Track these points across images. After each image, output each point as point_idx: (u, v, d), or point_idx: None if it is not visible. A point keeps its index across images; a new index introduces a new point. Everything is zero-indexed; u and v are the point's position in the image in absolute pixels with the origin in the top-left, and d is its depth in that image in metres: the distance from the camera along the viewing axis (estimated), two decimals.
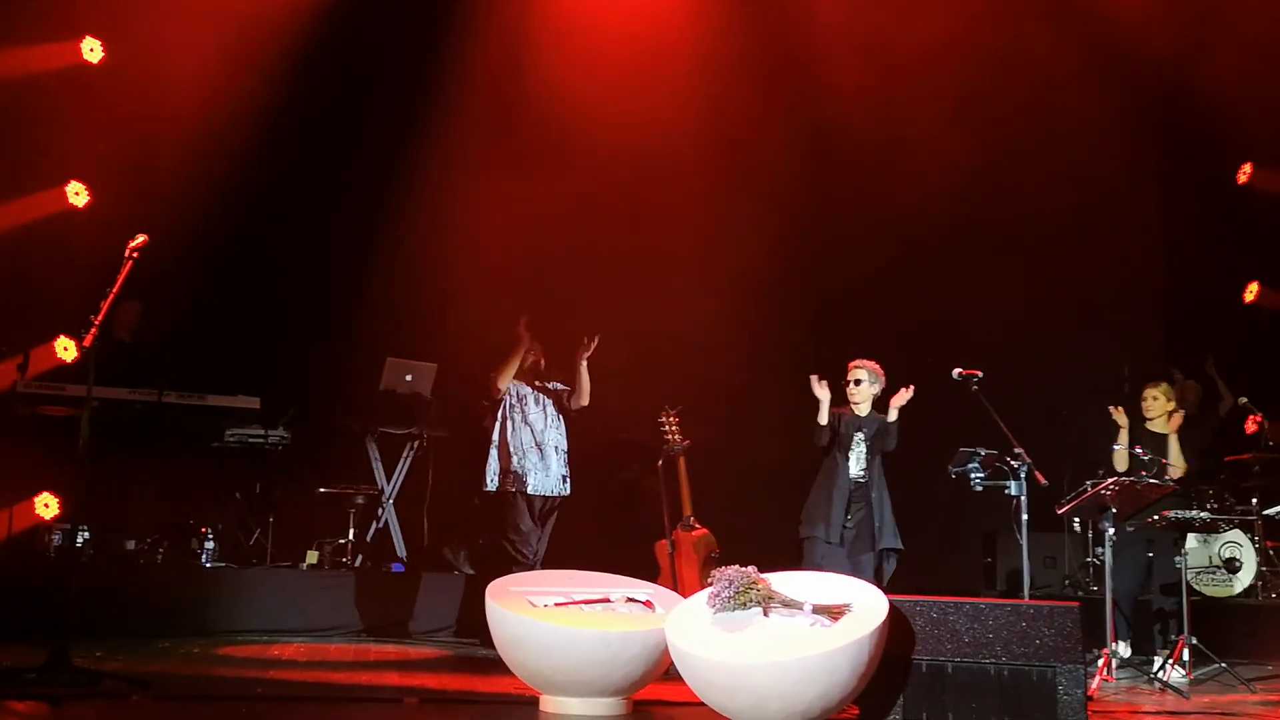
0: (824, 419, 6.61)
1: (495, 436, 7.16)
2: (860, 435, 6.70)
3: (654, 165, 9.45)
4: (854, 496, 6.61)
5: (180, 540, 7.85)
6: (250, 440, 8.04)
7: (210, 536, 7.73)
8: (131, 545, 7.62)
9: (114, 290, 4.99)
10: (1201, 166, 10.52)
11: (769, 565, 4.84)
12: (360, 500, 8.30)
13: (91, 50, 8.38)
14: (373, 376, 8.39)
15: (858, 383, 6.75)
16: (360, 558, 8.10)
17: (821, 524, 6.54)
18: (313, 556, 8.00)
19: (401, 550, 8.35)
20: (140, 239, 5.11)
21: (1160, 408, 7.29)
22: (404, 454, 8.58)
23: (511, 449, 7.11)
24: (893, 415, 6.65)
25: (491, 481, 7.11)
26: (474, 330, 8.94)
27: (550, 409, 7.26)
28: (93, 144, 8.28)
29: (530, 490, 7.08)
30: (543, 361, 7.29)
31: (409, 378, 8.42)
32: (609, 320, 9.09)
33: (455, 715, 4.75)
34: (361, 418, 8.42)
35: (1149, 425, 7.30)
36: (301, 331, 8.81)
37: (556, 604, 4.84)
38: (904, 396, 6.64)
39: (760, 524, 7.97)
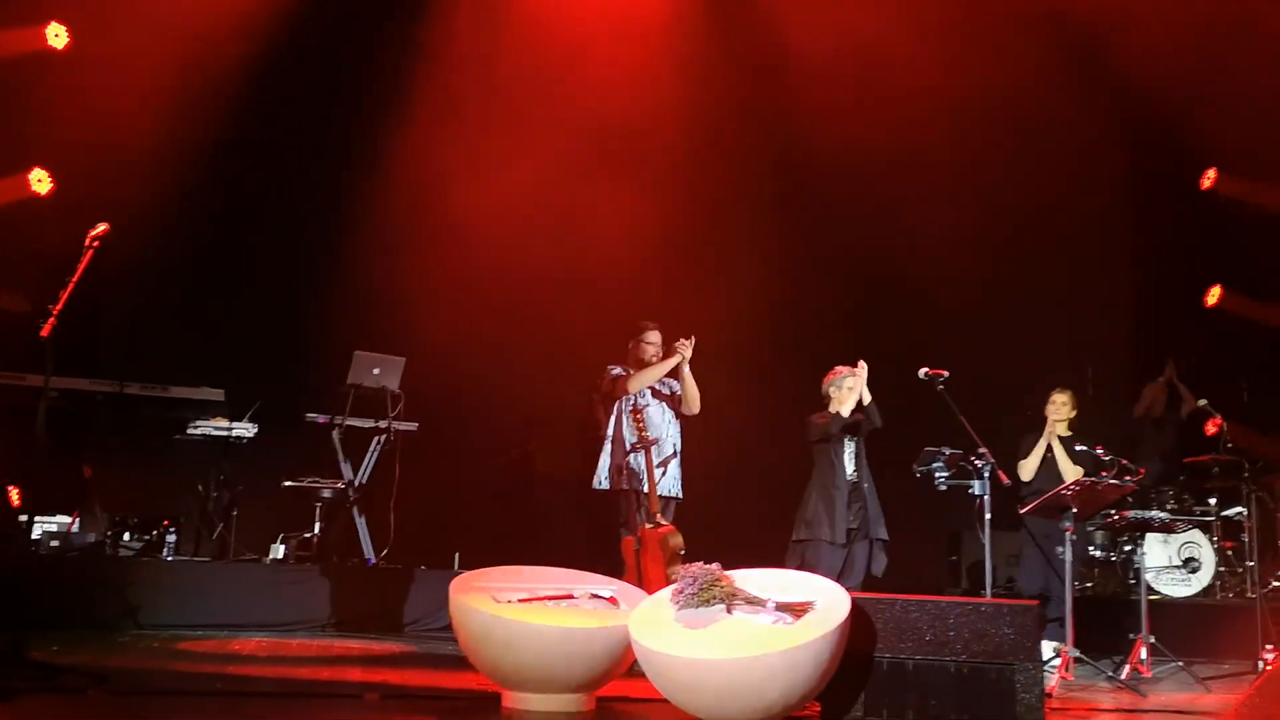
0: (863, 398, 6.74)
1: (610, 431, 6.86)
2: (849, 435, 6.76)
3: (632, 161, 9.45)
4: (853, 495, 6.68)
5: (142, 533, 7.76)
6: (214, 433, 7.97)
7: (172, 530, 7.66)
8: (92, 538, 7.54)
9: (74, 279, 4.93)
10: (1168, 171, 10.63)
11: (756, 563, 4.86)
12: (326, 494, 8.24)
13: (56, 36, 8.28)
14: (340, 369, 8.34)
15: (843, 388, 6.81)
16: (325, 552, 8.05)
17: (825, 526, 6.58)
18: (277, 551, 7.95)
19: (368, 545, 8.30)
20: (101, 227, 5.06)
21: (1066, 412, 7.35)
22: (371, 448, 8.53)
23: (628, 445, 6.81)
24: (867, 397, 6.72)
25: (603, 479, 6.81)
26: (445, 324, 8.94)
27: (668, 409, 7.00)
28: (57, 131, 8.19)
29: (646, 489, 6.73)
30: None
31: (377, 371, 8.36)
32: (583, 317, 9.14)
33: (417, 711, 4.72)
34: (328, 411, 8.36)
35: (1048, 427, 7.36)
36: (268, 323, 8.75)
37: (520, 600, 4.83)
38: (861, 376, 6.71)
39: (737, 523, 8.03)
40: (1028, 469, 7.30)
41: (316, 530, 8.12)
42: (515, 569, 5.13)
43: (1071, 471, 7.19)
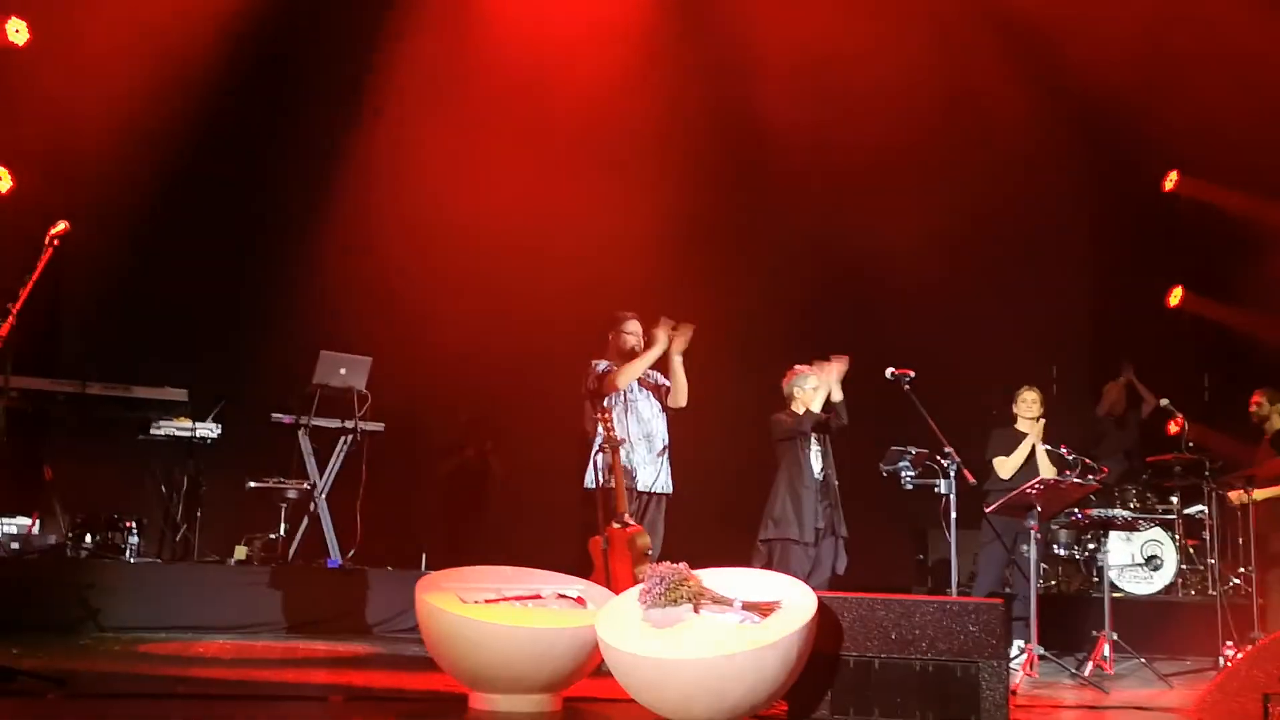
0: (836, 395, 6.72)
1: (600, 429, 6.55)
2: (817, 433, 6.78)
3: (599, 162, 9.45)
4: (821, 494, 6.69)
5: (104, 534, 7.67)
6: (178, 433, 7.89)
7: (135, 531, 7.58)
8: (52, 539, 7.45)
9: (33, 277, 4.86)
10: (1129, 174, 10.75)
11: (727, 562, 4.86)
12: (291, 495, 8.18)
13: (17, 32, 8.16)
14: (306, 369, 8.28)
15: (807, 388, 6.83)
16: (291, 553, 7.99)
17: (794, 525, 6.58)
18: (241, 552, 7.89)
19: (334, 546, 8.25)
20: (61, 226, 4.98)
21: (1037, 410, 7.39)
22: (337, 449, 8.47)
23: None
24: (838, 394, 6.72)
25: (592, 477, 6.46)
26: (413, 323, 8.90)
27: (655, 402, 6.80)
28: (17, 128, 8.08)
29: (640, 486, 6.57)
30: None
31: (343, 371, 8.32)
32: (546, 314, 9.12)
33: (381, 713, 4.69)
34: (294, 411, 8.30)
35: (1018, 425, 7.39)
36: (233, 323, 8.69)
37: (487, 600, 4.81)
38: (839, 368, 6.71)
39: (708, 521, 8.03)
40: (1009, 467, 7.31)
41: (281, 531, 8.06)
42: (482, 569, 5.11)
43: (1049, 471, 7.23)
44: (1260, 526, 7.34)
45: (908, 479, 6.93)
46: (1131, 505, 8.99)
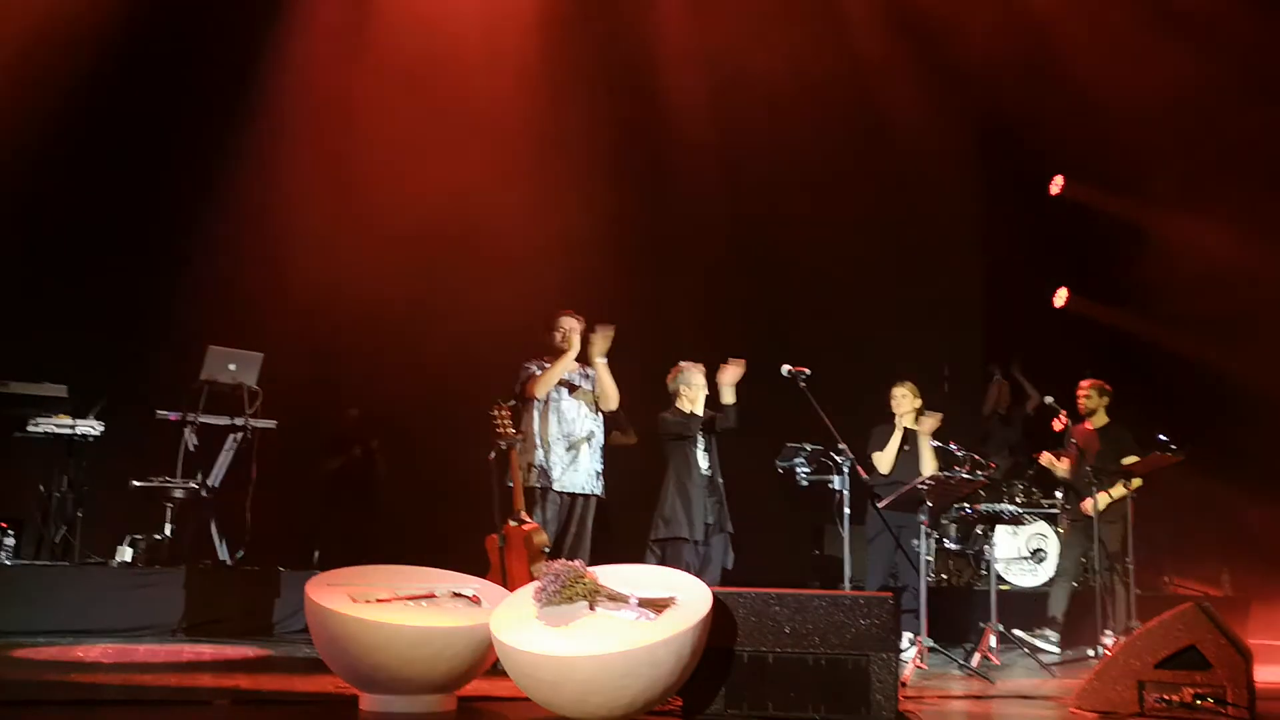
0: (728, 398, 6.72)
1: (523, 428, 6.58)
2: (703, 431, 6.81)
3: (491, 160, 9.38)
4: (709, 491, 6.72)
5: None
6: (57, 430, 7.61)
7: (10, 533, 7.30)
8: None
9: None
10: (1018, 177, 11.06)
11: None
12: (178, 494, 7.95)
13: None
14: (193, 365, 8.06)
15: (693, 385, 6.86)
16: (177, 554, 7.77)
17: (684, 524, 6.60)
18: (125, 553, 7.64)
19: (222, 546, 8.04)
20: None
21: (910, 404, 7.57)
22: (226, 446, 8.25)
23: (537, 441, 6.60)
24: (730, 396, 6.76)
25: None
26: (304, 318, 8.73)
27: (582, 403, 6.75)
28: None
29: (556, 487, 6.56)
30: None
31: (233, 367, 8.11)
32: (442, 316, 9.02)
33: (269, 717, 4.58)
34: (181, 408, 8.06)
35: (896, 421, 7.56)
36: (116, 317, 8.41)
37: (379, 600, 4.73)
38: (734, 372, 6.75)
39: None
40: (885, 461, 7.47)
41: (167, 532, 7.83)
42: (374, 568, 5.03)
43: (930, 461, 7.39)
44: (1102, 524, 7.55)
45: (803, 475, 7.04)
46: (1018, 500, 9.25)
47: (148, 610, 7.19)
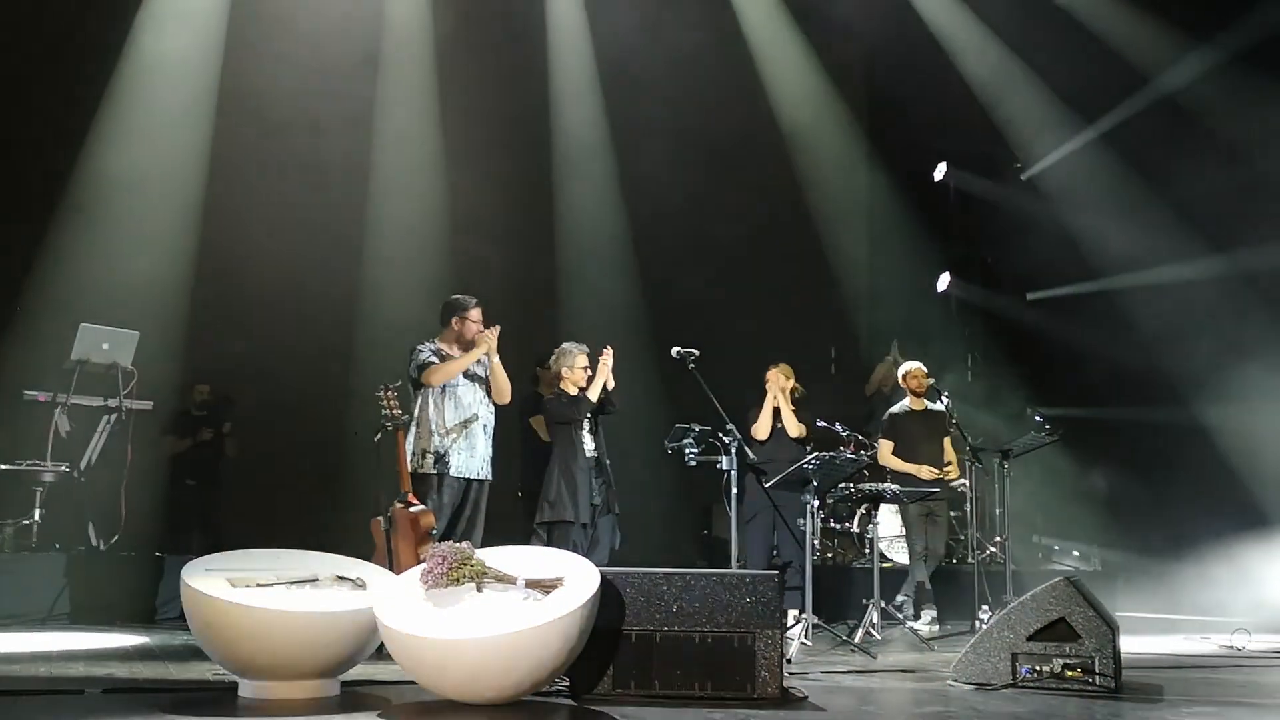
0: (608, 384, 6.74)
1: (415, 413, 6.48)
2: (589, 414, 6.80)
3: (371, 140, 9.27)
4: (595, 473, 6.71)
5: None
6: None
7: None
8: None
9: None
10: (903, 166, 11.30)
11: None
12: (48, 478, 7.64)
13: None
14: (64, 344, 7.75)
15: (575, 367, 6.85)
16: (46, 539, 7.48)
17: (570, 506, 6.59)
18: None
19: (94, 531, 7.76)
20: None
21: (781, 383, 7.68)
22: (100, 428, 7.95)
23: (434, 427, 6.51)
24: (610, 383, 6.80)
25: (410, 461, 6.33)
26: (180, 298, 8.50)
27: (480, 390, 6.63)
28: None
29: (453, 472, 6.46)
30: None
31: (106, 346, 7.80)
32: (330, 302, 8.86)
33: (143, 706, 4.43)
34: (50, 388, 7.74)
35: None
36: None
37: (259, 584, 4.62)
38: (606, 363, 6.77)
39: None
40: (762, 429, 7.53)
41: (37, 516, 7.52)
42: (255, 552, 4.91)
43: (794, 426, 7.47)
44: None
45: (691, 456, 7.09)
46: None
47: (14, 598, 6.90)
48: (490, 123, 9.74)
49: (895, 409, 8.25)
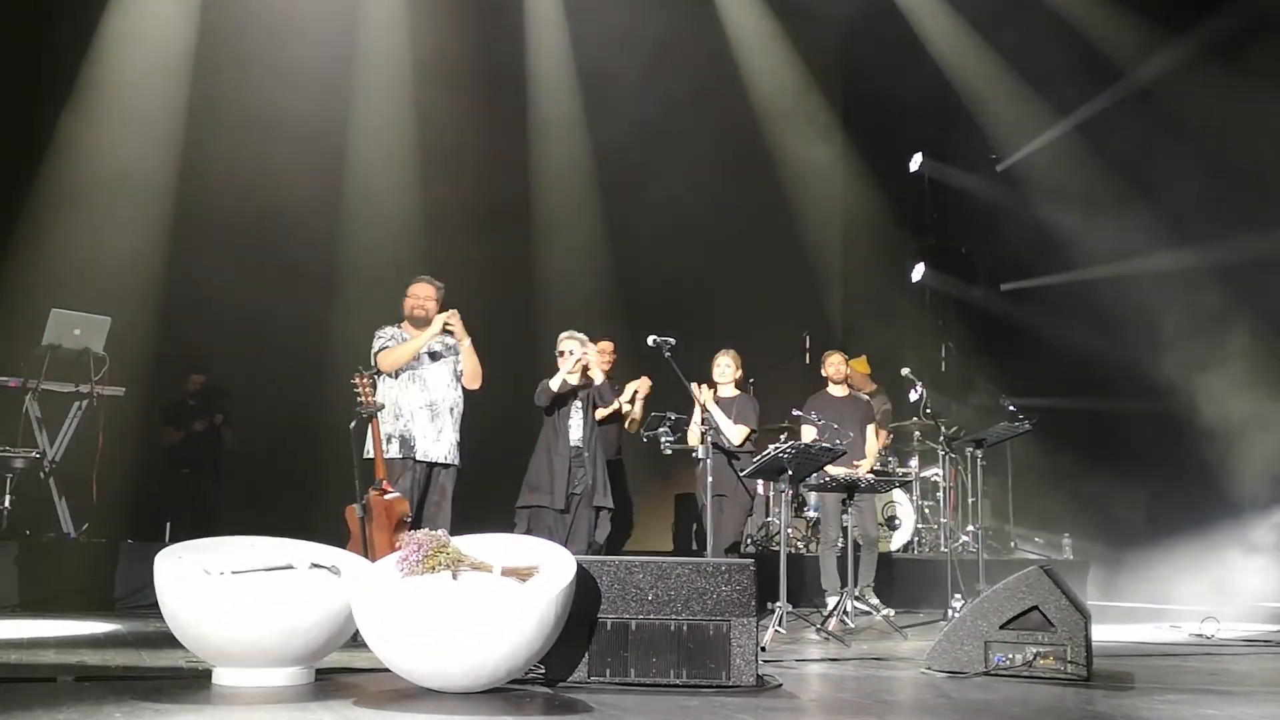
0: (556, 385, 6.67)
1: (380, 397, 6.27)
2: (577, 401, 6.78)
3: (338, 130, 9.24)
4: (575, 463, 6.68)
5: None
6: None
7: None
8: None
9: None
10: (878, 156, 11.33)
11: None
12: (18, 465, 7.58)
13: None
14: (35, 329, 7.67)
15: (572, 353, 6.82)
16: (17, 527, 7.42)
17: (547, 491, 6.57)
18: None
19: (66, 518, 7.69)
20: None
21: (730, 374, 7.58)
22: (70, 414, 7.88)
23: (400, 410, 6.39)
24: (599, 377, 6.77)
25: (369, 448, 6.13)
26: (155, 283, 8.44)
27: (449, 373, 6.52)
28: None
29: (419, 456, 6.35)
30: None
31: (78, 331, 7.74)
32: (308, 288, 8.82)
33: (117, 693, 4.40)
34: (21, 374, 7.67)
35: (719, 390, 7.53)
36: None
37: (234, 572, 4.59)
38: (592, 357, 6.77)
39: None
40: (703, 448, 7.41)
41: (6, 503, 7.46)
42: (229, 540, 4.87)
43: (734, 433, 7.35)
44: None
45: (667, 444, 7.09)
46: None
47: None
48: (466, 116, 9.71)
49: (816, 394, 8.11)
